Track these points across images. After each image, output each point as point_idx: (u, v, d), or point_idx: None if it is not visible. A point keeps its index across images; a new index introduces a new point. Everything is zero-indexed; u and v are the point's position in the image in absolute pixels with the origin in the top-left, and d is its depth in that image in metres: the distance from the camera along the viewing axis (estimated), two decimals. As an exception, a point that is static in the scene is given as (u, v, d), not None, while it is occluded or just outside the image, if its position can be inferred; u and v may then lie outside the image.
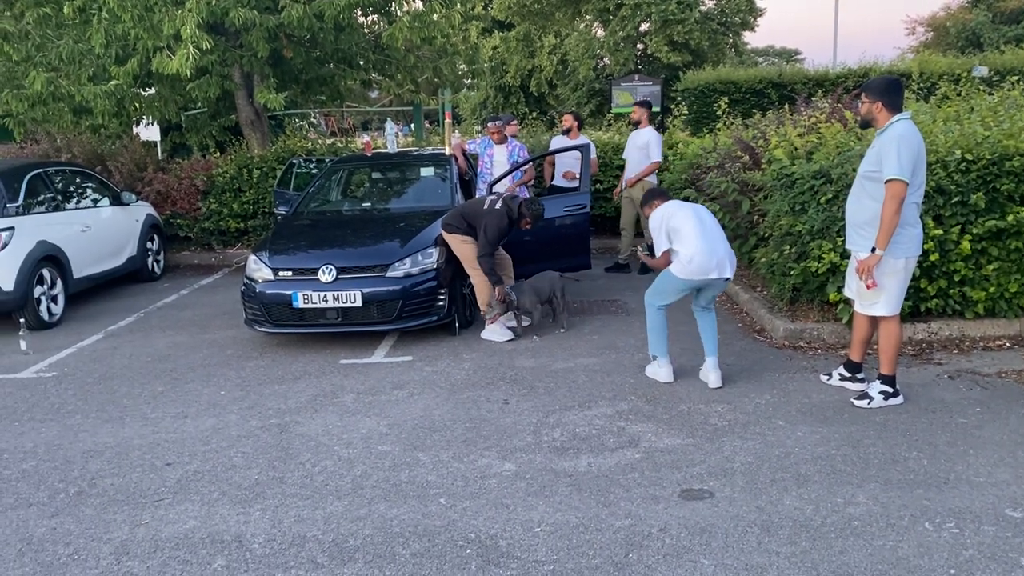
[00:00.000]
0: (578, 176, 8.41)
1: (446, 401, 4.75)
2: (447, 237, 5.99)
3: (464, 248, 5.95)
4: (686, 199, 8.47)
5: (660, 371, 4.85)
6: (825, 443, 3.98)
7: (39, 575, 3.09)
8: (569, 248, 6.92)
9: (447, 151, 7.79)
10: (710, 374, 4.78)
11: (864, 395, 4.48)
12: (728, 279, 4.60)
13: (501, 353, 5.70)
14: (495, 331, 6.03)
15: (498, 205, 5.89)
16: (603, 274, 8.48)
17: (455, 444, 4.12)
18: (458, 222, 5.95)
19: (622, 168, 8.88)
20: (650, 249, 4.90)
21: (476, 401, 4.73)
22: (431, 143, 11.98)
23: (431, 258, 5.91)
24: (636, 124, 8.26)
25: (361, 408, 4.70)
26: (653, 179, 8.33)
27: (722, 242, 4.61)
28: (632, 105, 8.44)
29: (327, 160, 9.35)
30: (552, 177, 8.81)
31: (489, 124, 7.50)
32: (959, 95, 7.94)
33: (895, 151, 4.01)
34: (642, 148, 8.12)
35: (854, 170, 5.17)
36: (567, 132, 8.49)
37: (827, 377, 4.86)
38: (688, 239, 4.52)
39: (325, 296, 5.70)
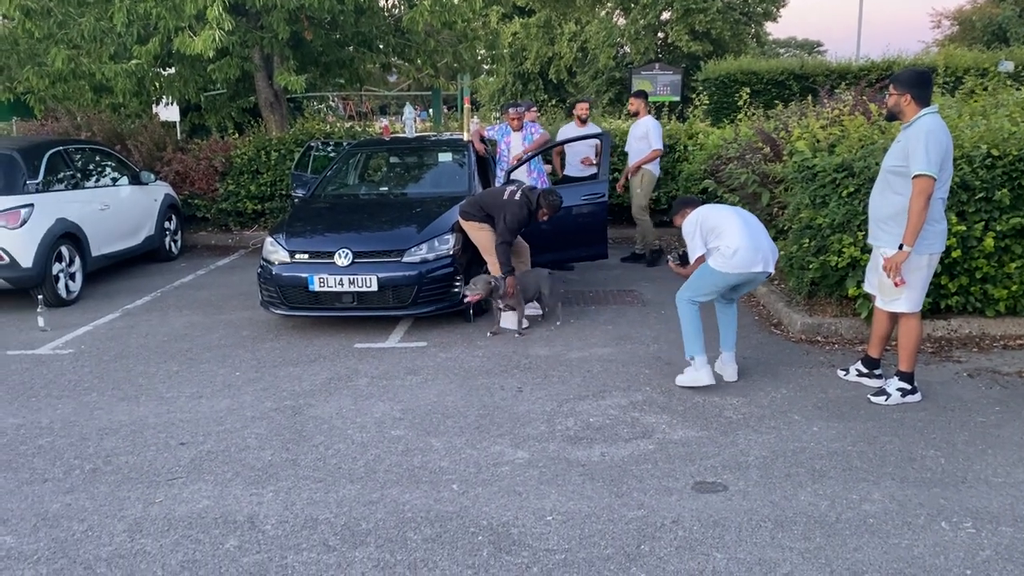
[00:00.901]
0: (595, 163, 8.39)
1: (460, 387, 4.74)
2: (464, 224, 5.98)
3: (481, 235, 5.94)
4: (705, 191, 8.52)
5: (700, 373, 4.58)
6: (841, 439, 3.95)
7: (54, 550, 3.11)
8: (586, 237, 6.89)
9: (465, 137, 7.79)
10: (726, 368, 4.73)
11: (881, 391, 4.44)
12: (770, 273, 4.51)
13: (515, 341, 5.70)
14: (511, 319, 6.03)
15: (518, 196, 5.88)
16: (619, 264, 8.46)
17: (468, 431, 4.12)
18: (476, 210, 5.91)
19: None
20: (681, 258, 4.80)
21: (489, 388, 4.72)
22: (449, 128, 11.94)
23: (447, 244, 5.90)
24: (635, 115, 8.27)
25: (375, 392, 4.71)
26: (656, 169, 8.32)
27: (765, 235, 4.53)
28: (630, 97, 8.42)
29: (345, 144, 9.36)
30: (563, 167, 8.80)
31: (509, 110, 7.47)
32: (985, 90, 7.79)
33: (923, 146, 3.95)
34: (642, 138, 8.14)
35: (877, 164, 5.11)
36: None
37: (844, 372, 4.82)
38: (730, 232, 4.43)
39: (341, 280, 5.71)
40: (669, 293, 6.97)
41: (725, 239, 4.43)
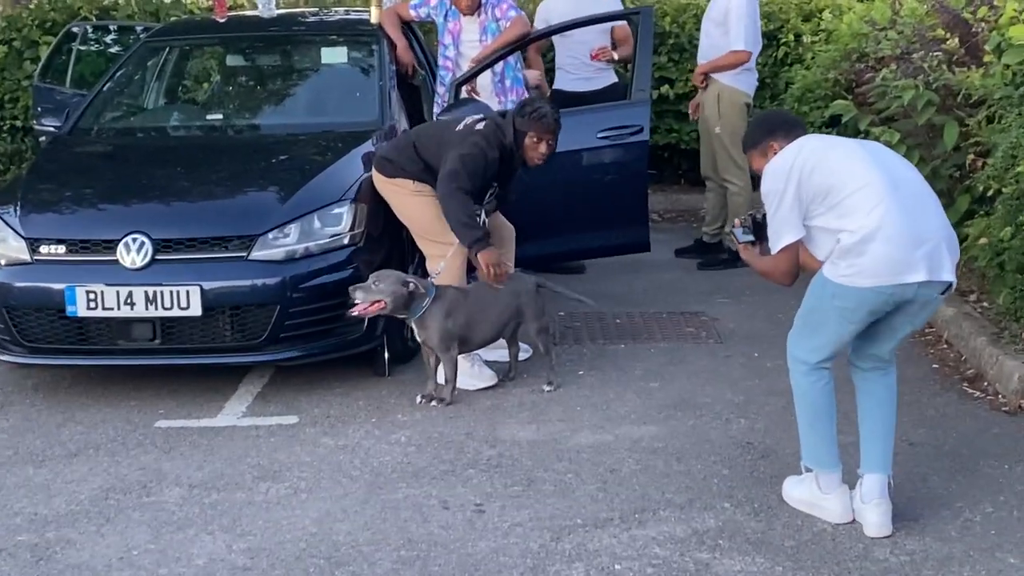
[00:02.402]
0: (617, 59, 8.54)
1: (363, 505, 4.71)
2: (382, 185, 6.11)
3: (414, 204, 6.01)
4: (834, 120, 8.45)
5: (824, 499, 4.55)
6: (1100, 602, 3.93)
7: None
8: (610, 212, 6.98)
9: (373, 18, 7.80)
10: (869, 507, 4.51)
11: None
12: (950, 286, 4.33)
13: (472, 413, 5.66)
14: (465, 368, 6.04)
15: (480, 125, 5.95)
16: (672, 261, 8.51)
17: (377, 593, 4.06)
18: (405, 157, 6.04)
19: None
20: (756, 228, 4.68)
21: (421, 507, 4.68)
22: (345, 1, 12.00)
23: (340, 225, 5.98)
24: None
25: (195, 517, 4.64)
26: (745, 83, 8.47)
27: (932, 209, 4.37)
28: None
29: (139, 30, 9.33)
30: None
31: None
32: None
33: None
34: (720, 23, 8.32)
35: None
36: None
37: (1104, 472, 4.81)
38: (859, 203, 4.24)
39: (130, 296, 5.66)
40: (768, 321, 6.94)
41: (849, 219, 4.25)
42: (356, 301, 5.58)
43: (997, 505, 4.60)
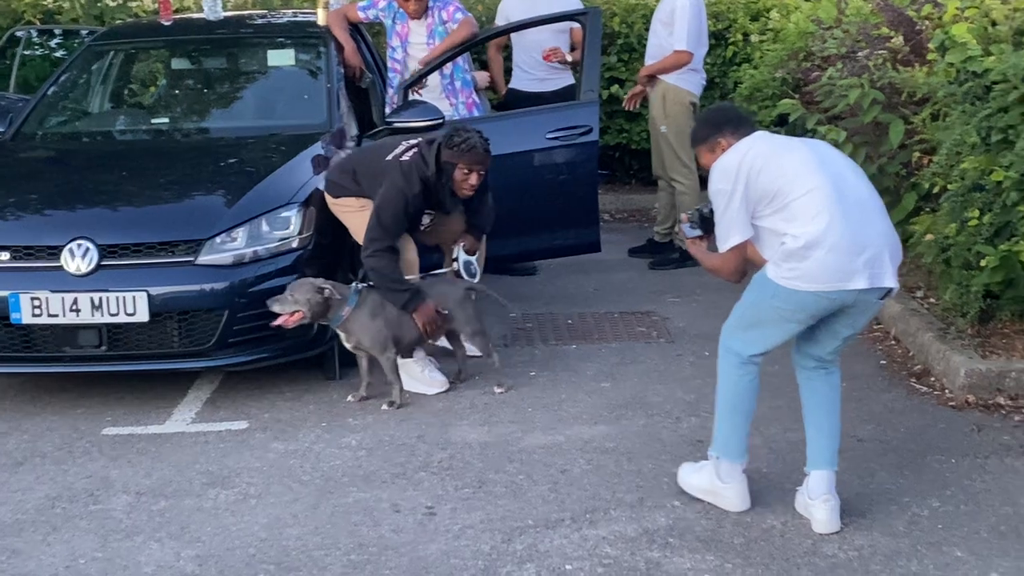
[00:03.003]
0: (570, 60, 8.54)
1: (313, 510, 4.70)
2: (332, 206, 6.15)
3: (360, 220, 5.98)
4: (781, 119, 8.52)
5: (723, 487, 4.61)
6: (1051, 596, 3.96)
7: None
8: (562, 213, 6.97)
9: (321, 20, 7.80)
10: (817, 505, 4.53)
11: (1123, 502, 4.45)
12: (890, 291, 4.34)
13: (423, 416, 5.67)
14: (416, 373, 6.04)
15: (406, 156, 5.91)
16: (624, 261, 8.50)
17: (326, 598, 4.06)
18: (349, 180, 6.06)
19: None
20: (703, 222, 4.62)
21: (371, 511, 4.68)
22: (292, 3, 11.95)
23: (288, 228, 5.97)
24: None
25: (143, 524, 4.62)
26: (691, 83, 8.47)
27: (877, 215, 4.37)
28: None
29: (83, 34, 9.33)
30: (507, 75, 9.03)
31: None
32: None
33: None
34: (667, 23, 8.34)
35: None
36: None
37: (1051, 465, 4.84)
38: (805, 208, 4.25)
39: (76, 302, 5.62)
40: (719, 319, 6.85)
41: (795, 222, 4.26)
42: (274, 309, 5.59)
43: (944, 500, 4.66)
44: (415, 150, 5.93)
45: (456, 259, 6.12)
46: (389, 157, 5.94)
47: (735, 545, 4.29)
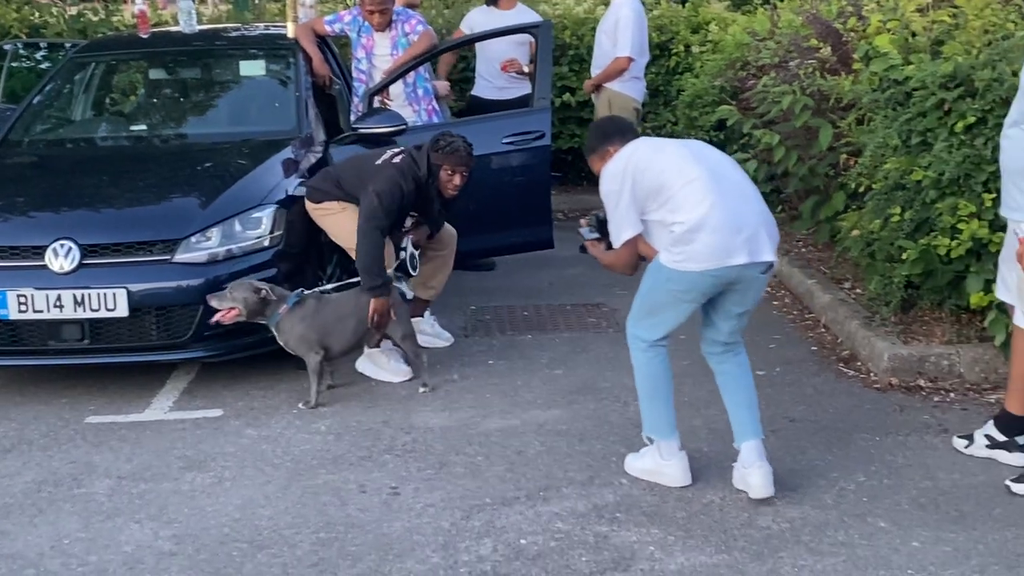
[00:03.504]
0: (528, 71, 8.54)
1: (284, 491, 4.70)
2: (312, 212, 6.15)
3: (340, 221, 6.03)
4: (720, 125, 8.62)
5: (665, 465, 4.67)
6: (960, 561, 4.01)
7: None
8: (518, 213, 6.97)
9: (290, 32, 7.78)
10: (752, 473, 4.60)
11: (1031, 474, 4.55)
12: (771, 266, 4.48)
13: (389, 402, 5.66)
14: (382, 363, 6.05)
15: (397, 159, 5.95)
16: (576, 258, 8.40)
17: (297, 572, 4.06)
18: (330, 187, 6.06)
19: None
20: (601, 225, 4.80)
21: (339, 491, 4.69)
22: (264, 17, 11.95)
23: (260, 228, 5.96)
24: None
25: (124, 506, 4.61)
26: (634, 90, 8.58)
27: (752, 198, 4.51)
28: None
29: (67, 46, 9.22)
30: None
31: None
32: None
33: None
34: (611, 34, 8.44)
35: (1015, 75, 5.21)
36: (493, 1, 8.68)
37: (966, 442, 4.92)
38: (687, 198, 4.37)
39: (59, 299, 5.62)
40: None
41: (678, 211, 4.38)
42: (212, 304, 5.55)
43: (869, 474, 4.74)
44: (404, 154, 5.97)
45: (404, 249, 6.05)
46: (379, 162, 5.95)
47: (677, 519, 4.33)
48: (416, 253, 6.11)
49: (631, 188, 4.44)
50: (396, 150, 6.06)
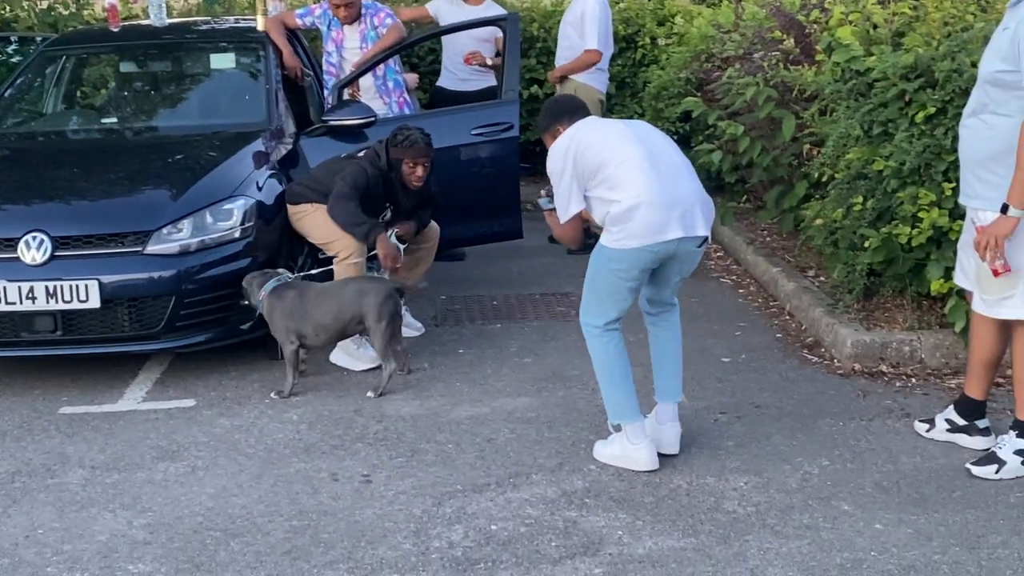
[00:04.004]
0: (491, 64, 8.59)
1: (257, 480, 4.71)
2: (294, 214, 6.21)
3: (313, 220, 6.08)
4: (685, 116, 8.64)
5: (633, 449, 4.68)
6: (922, 542, 4.05)
7: None
8: (487, 203, 6.98)
9: (260, 25, 7.77)
10: (666, 431, 4.79)
11: (991, 458, 4.57)
12: (705, 240, 4.59)
13: (360, 391, 5.67)
14: (353, 351, 6.06)
15: (362, 153, 6.13)
16: (545, 247, 8.54)
17: (271, 560, 4.05)
18: (306, 189, 6.17)
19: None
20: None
21: (311, 479, 4.70)
22: (234, 10, 11.82)
23: (231, 219, 5.96)
24: None
25: (98, 496, 4.60)
26: (598, 81, 8.56)
27: (685, 177, 4.61)
28: None
29: (39, 41, 9.16)
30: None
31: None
32: None
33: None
34: (576, 26, 8.42)
35: (974, 66, 5.23)
36: None
37: (927, 426, 4.96)
38: (623, 176, 4.48)
39: (31, 290, 5.60)
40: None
41: (616, 189, 4.50)
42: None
43: (832, 459, 4.78)
44: (368, 149, 6.07)
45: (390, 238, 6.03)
46: (343, 156, 6.04)
47: (645, 504, 4.37)
48: (401, 247, 6.11)
49: (573, 166, 4.56)
50: (359, 148, 6.17)
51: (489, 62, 8.64)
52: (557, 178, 4.62)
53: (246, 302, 5.76)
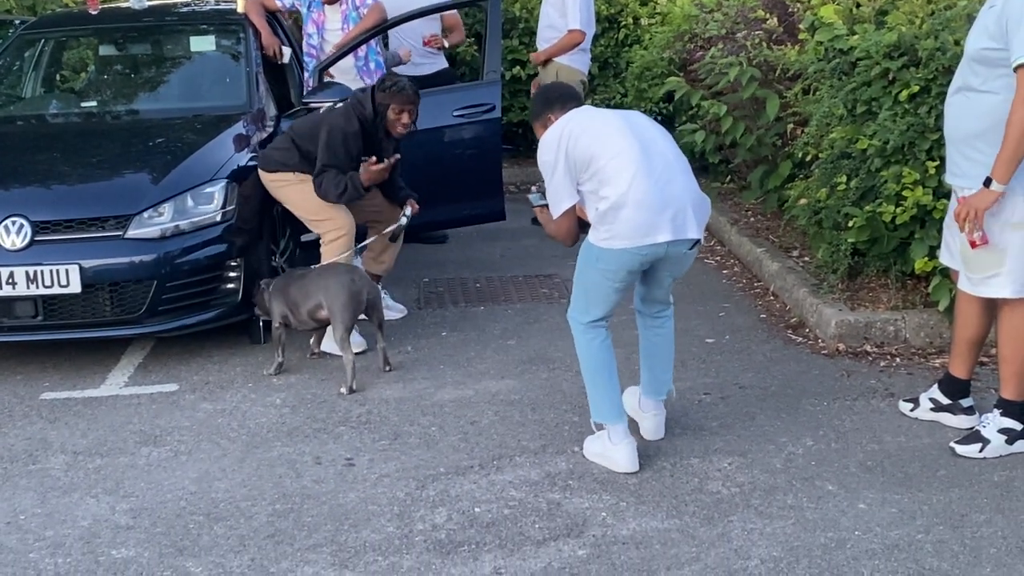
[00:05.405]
0: (446, 45, 8.59)
1: (240, 464, 4.71)
2: (266, 181, 6.11)
3: (296, 192, 6.03)
4: (668, 97, 8.63)
5: (612, 450, 4.56)
6: (906, 521, 4.07)
7: None
8: (469, 185, 6.97)
9: (239, 7, 7.71)
10: (647, 418, 4.78)
11: (975, 437, 4.58)
12: (697, 243, 4.45)
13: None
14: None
15: (340, 104, 6.08)
16: (528, 228, 8.51)
17: (254, 543, 4.06)
18: (284, 153, 6.05)
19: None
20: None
21: (294, 463, 4.70)
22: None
23: (212, 203, 5.94)
24: None
25: (80, 481, 4.60)
26: (580, 63, 8.52)
27: (681, 174, 4.46)
28: None
29: (16, 23, 9.15)
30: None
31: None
32: None
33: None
34: (558, 7, 8.39)
35: (959, 44, 5.24)
36: None
37: (911, 406, 4.97)
38: (613, 171, 4.32)
39: (12, 276, 5.57)
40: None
41: (606, 181, 4.34)
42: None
43: (817, 439, 4.79)
44: (349, 98, 6.02)
45: (406, 215, 6.10)
46: (322, 109, 6.00)
47: (629, 486, 4.38)
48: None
49: (564, 158, 4.41)
50: (339, 99, 6.17)
51: (446, 44, 8.60)
52: (549, 170, 4.47)
53: (259, 312, 5.84)
